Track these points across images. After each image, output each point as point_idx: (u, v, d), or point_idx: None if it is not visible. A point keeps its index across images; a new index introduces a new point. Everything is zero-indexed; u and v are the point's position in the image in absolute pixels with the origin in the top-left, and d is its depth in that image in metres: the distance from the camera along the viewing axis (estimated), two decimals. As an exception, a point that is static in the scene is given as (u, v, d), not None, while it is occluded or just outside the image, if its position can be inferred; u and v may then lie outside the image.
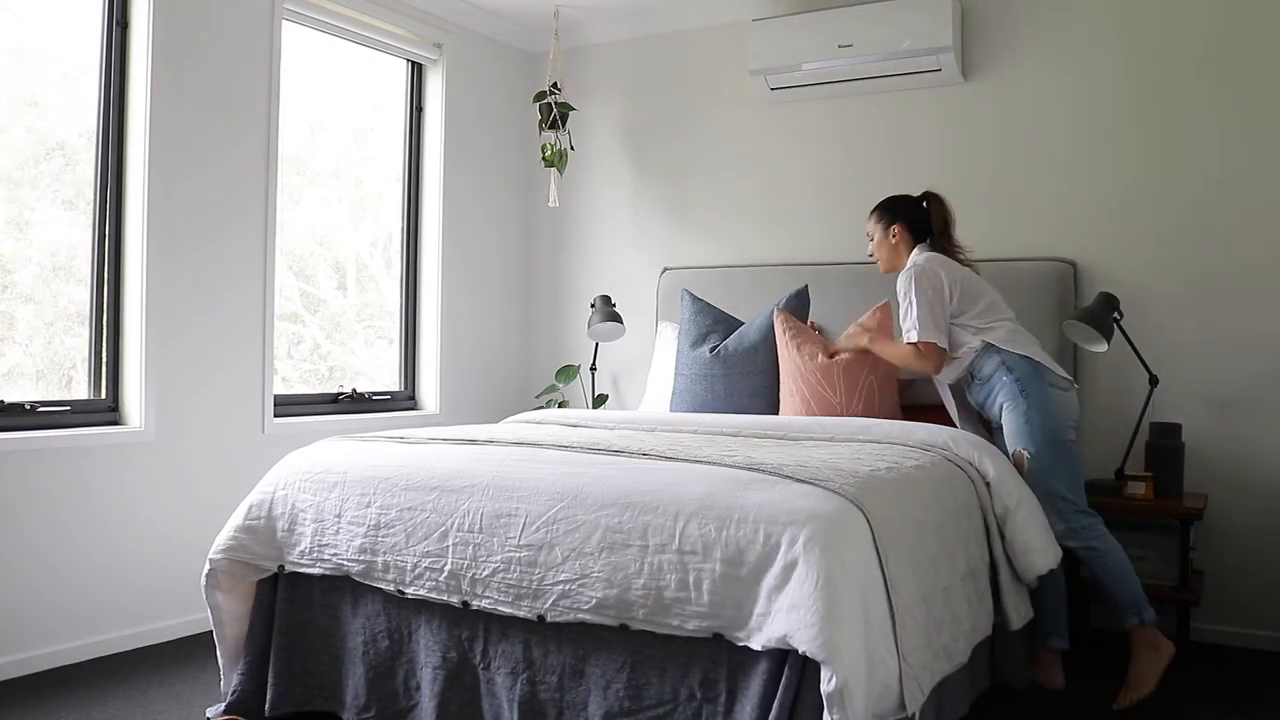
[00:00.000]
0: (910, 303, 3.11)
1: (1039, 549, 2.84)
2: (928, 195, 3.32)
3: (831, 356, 3.47)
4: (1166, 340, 3.69)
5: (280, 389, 4.01)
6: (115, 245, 3.44)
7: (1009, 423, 3.05)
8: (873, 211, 3.39)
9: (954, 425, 3.24)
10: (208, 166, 3.59)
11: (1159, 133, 3.74)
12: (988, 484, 2.82)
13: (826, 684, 1.84)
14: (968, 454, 2.87)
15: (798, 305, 3.75)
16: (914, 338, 3.10)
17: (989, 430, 3.25)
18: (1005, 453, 3.03)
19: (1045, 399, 3.01)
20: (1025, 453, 3.00)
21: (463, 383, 4.74)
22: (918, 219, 3.30)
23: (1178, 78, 3.71)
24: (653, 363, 4.32)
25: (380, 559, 2.48)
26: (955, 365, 3.16)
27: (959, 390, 3.28)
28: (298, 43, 4.07)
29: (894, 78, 4.09)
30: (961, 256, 3.28)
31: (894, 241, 3.30)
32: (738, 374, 3.68)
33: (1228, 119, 3.63)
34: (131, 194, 3.43)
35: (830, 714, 1.84)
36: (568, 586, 2.21)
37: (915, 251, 3.26)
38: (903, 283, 3.15)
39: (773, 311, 3.70)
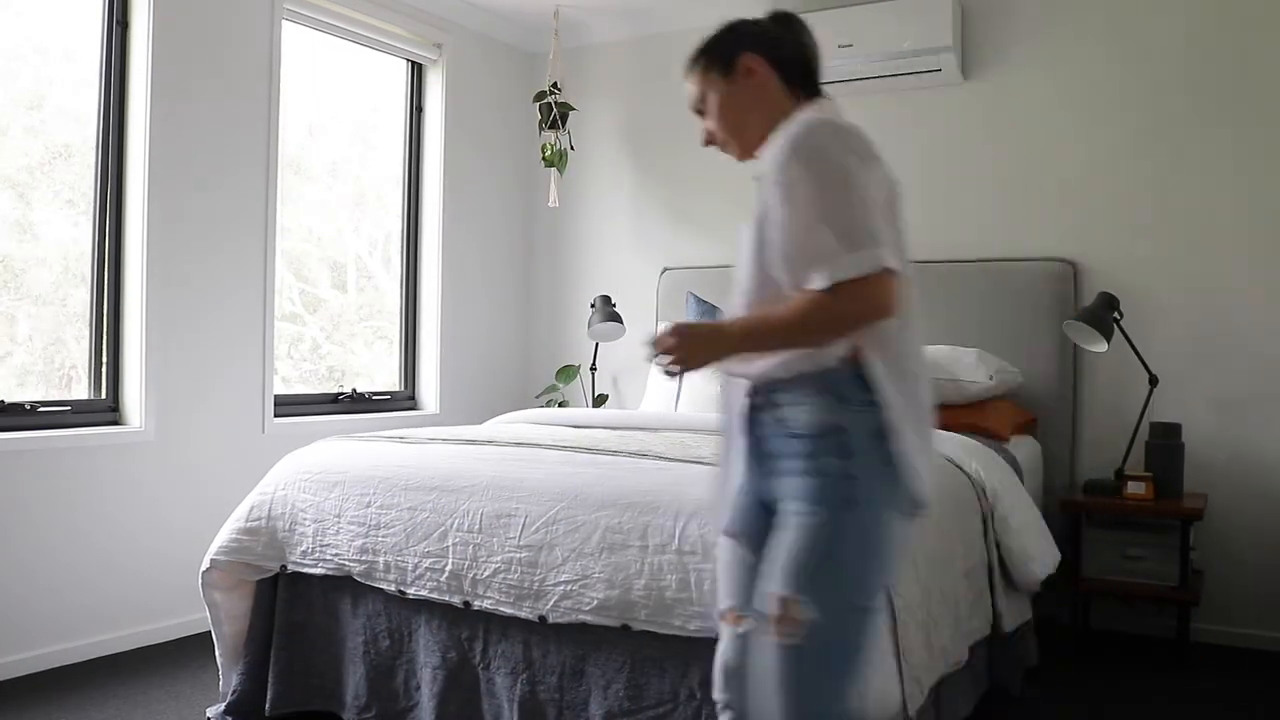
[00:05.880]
0: (805, 195, 1.57)
1: (1036, 556, 2.84)
2: (778, 14, 1.80)
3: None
4: (1166, 340, 3.69)
5: (280, 389, 4.01)
6: (115, 244, 3.43)
7: (792, 531, 1.55)
8: (693, 59, 1.81)
9: None
10: (208, 166, 3.59)
11: (1158, 133, 3.74)
12: (984, 487, 2.81)
13: None
14: (960, 456, 2.86)
15: None
16: (826, 270, 1.51)
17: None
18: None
19: (882, 508, 1.54)
20: (798, 602, 1.50)
21: (463, 383, 4.74)
22: (784, 49, 1.76)
23: (1177, 78, 3.71)
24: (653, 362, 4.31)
25: (381, 559, 2.48)
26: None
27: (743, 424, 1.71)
28: (298, 43, 4.07)
29: (894, 78, 4.08)
30: None
31: (756, 82, 1.76)
32: (739, 374, 3.68)
33: (1227, 119, 3.63)
34: (132, 194, 3.43)
35: None
36: (569, 587, 2.21)
37: (808, 106, 1.73)
38: (784, 153, 1.63)
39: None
